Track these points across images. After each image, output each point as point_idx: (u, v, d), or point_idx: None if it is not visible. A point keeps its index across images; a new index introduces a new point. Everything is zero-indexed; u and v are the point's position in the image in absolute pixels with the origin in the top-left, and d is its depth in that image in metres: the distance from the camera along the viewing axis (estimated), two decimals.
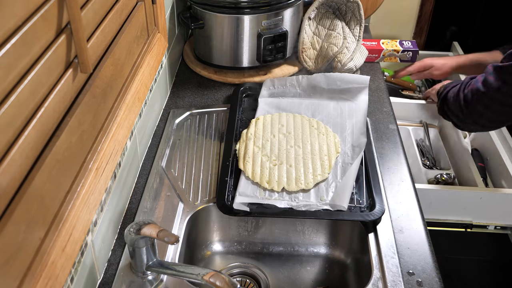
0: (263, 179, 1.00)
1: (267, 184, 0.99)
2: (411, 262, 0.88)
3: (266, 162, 1.04)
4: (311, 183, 0.99)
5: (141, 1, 0.98)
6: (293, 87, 1.27)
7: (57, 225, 0.62)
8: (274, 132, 1.13)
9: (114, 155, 0.80)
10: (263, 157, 1.06)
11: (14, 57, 0.51)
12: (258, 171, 1.02)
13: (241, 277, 1.03)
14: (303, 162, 1.04)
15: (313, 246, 1.06)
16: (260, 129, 1.14)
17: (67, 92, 0.65)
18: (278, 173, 1.02)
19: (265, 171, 1.02)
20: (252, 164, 1.04)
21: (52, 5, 0.59)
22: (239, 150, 1.08)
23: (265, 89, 1.27)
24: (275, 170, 1.02)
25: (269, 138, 1.11)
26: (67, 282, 0.70)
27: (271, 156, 1.06)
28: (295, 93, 1.27)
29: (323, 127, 1.15)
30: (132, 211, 0.97)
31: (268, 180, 1.00)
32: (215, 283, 0.72)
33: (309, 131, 1.13)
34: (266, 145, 1.09)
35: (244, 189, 0.98)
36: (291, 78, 1.28)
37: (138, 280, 0.84)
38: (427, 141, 1.57)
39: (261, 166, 1.03)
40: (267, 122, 1.16)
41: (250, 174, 1.01)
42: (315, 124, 1.16)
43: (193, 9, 1.35)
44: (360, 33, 1.44)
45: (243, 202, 0.95)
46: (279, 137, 1.11)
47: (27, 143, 0.55)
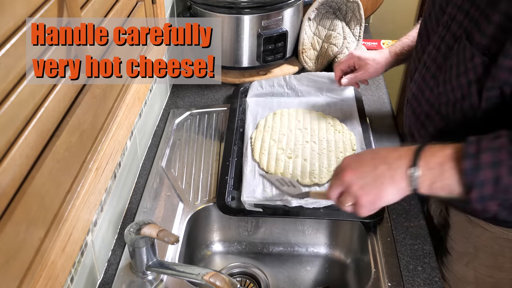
0: (277, 171, 1.02)
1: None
2: (411, 262, 0.87)
3: (281, 155, 1.06)
4: (325, 178, 1.00)
5: (141, 1, 0.98)
6: (280, 87, 1.29)
7: (57, 225, 0.62)
8: (291, 127, 1.15)
9: (114, 155, 0.80)
10: (278, 150, 1.07)
11: (14, 57, 0.51)
12: (273, 163, 1.04)
13: (241, 277, 1.03)
14: (319, 157, 1.05)
15: (313, 246, 1.06)
16: (277, 123, 1.16)
17: (67, 92, 0.65)
18: (292, 166, 1.03)
19: (279, 163, 1.04)
20: (268, 156, 1.05)
21: (52, 5, 0.59)
22: (254, 141, 1.10)
23: (253, 89, 1.28)
24: (290, 163, 1.04)
25: (286, 132, 1.13)
26: (67, 282, 0.70)
27: (287, 149, 1.07)
28: (283, 93, 1.29)
29: (339, 124, 1.16)
30: (132, 211, 0.97)
31: (282, 172, 1.01)
32: (215, 283, 0.72)
33: (326, 127, 1.15)
34: (282, 139, 1.11)
35: (252, 188, 0.98)
36: (278, 78, 1.30)
37: (138, 280, 0.83)
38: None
39: (276, 159, 1.05)
40: (284, 116, 1.18)
41: (265, 166, 1.03)
42: (331, 121, 1.17)
43: (193, 9, 1.35)
44: (360, 33, 1.44)
45: (252, 203, 0.95)
46: (296, 132, 1.13)
47: (27, 143, 0.54)
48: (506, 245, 0.89)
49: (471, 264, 0.95)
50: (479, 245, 0.92)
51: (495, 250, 0.91)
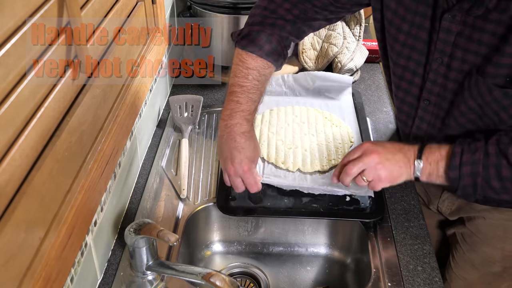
0: (278, 160, 1.02)
1: (283, 165, 1.01)
2: (411, 262, 0.87)
3: (281, 145, 1.06)
4: (326, 166, 1.01)
5: (141, 1, 0.98)
6: (279, 86, 1.29)
7: (57, 225, 0.62)
8: (288, 121, 1.15)
9: (114, 155, 0.80)
10: (278, 141, 1.08)
11: (14, 57, 0.51)
12: (273, 153, 1.04)
13: (241, 277, 1.03)
14: (318, 148, 1.06)
15: (313, 246, 1.06)
16: (274, 117, 1.16)
17: (67, 92, 0.65)
18: (293, 155, 1.04)
19: (280, 153, 1.04)
20: (267, 146, 1.06)
21: (52, 5, 0.59)
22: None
23: None
24: (291, 153, 1.04)
25: (284, 125, 1.13)
26: (67, 282, 0.70)
27: (286, 141, 1.08)
28: (280, 92, 1.29)
29: (336, 119, 1.17)
30: (132, 211, 0.97)
31: (283, 161, 1.02)
32: (215, 283, 0.72)
33: (323, 122, 1.15)
34: (281, 131, 1.11)
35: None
36: (277, 77, 1.30)
37: (138, 280, 0.83)
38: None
39: (276, 149, 1.05)
40: (281, 112, 1.18)
41: (265, 155, 1.03)
42: (328, 116, 1.18)
43: (193, 9, 1.35)
44: (360, 33, 1.44)
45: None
46: (294, 126, 1.14)
47: (27, 143, 0.55)
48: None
49: (499, 244, 0.98)
50: (508, 228, 0.95)
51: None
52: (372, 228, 0.94)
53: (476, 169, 0.79)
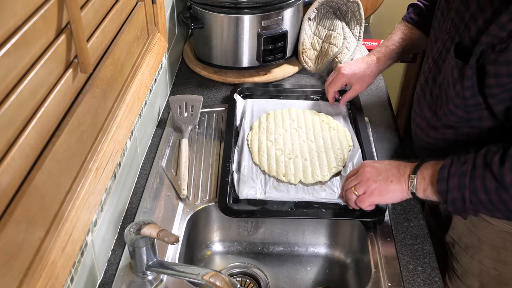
0: (279, 172, 1.02)
1: (284, 178, 1.01)
2: (411, 262, 0.88)
3: (280, 156, 1.06)
4: (327, 175, 1.01)
5: (141, 1, 0.98)
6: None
7: (57, 225, 0.62)
8: (286, 127, 1.15)
9: (114, 155, 0.80)
10: (277, 151, 1.07)
11: (14, 57, 0.51)
12: (273, 165, 1.04)
13: (241, 277, 1.03)
14: (318, 155, 1.06)
15: (313, 246, 1.06)
16: (271, 123, 1.16)
17: (67, 92, 0.65)
18: (294, 166, 1.03)
19: (280, 165, 1.03)
20: (267, 158, 1.05)
21: (52, 5, 0.59)
22: (251, 143, 1.10)
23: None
24: (291, 164, 1.04)
25: (281, 132, 1.13)
26: (67, 282, 0.70)
27: (285, 150, 1.08)
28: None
29: (333, 121, 1.17)
30: (132, 211, 0.97)
31: (284, 173, 1.01)
32: (215, 283, 0.72)
33: (320, 125, 1.15)
34: (279, 139, 1.11)
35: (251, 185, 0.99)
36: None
37: (138, 280, 0.84)
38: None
39: (276, 160, 1.05)
40: (278, 117, 1.18)
41: (266, 168, 1.03)
42: (325, 118, 1.18)
43: (193, 9, 1.35)
44: (360, 33, 1.44)
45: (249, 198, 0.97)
46: (291, 132, 1.13)
47: (27, 143, 0.55)
48: (508, 239, 0.90)
49: (476, 256, 0.96)
50: (483, 238, 0.93)
51: (498, 244, 0.91)
52: (372, 228, 0.94)
53: (463, 181, 0.76)
